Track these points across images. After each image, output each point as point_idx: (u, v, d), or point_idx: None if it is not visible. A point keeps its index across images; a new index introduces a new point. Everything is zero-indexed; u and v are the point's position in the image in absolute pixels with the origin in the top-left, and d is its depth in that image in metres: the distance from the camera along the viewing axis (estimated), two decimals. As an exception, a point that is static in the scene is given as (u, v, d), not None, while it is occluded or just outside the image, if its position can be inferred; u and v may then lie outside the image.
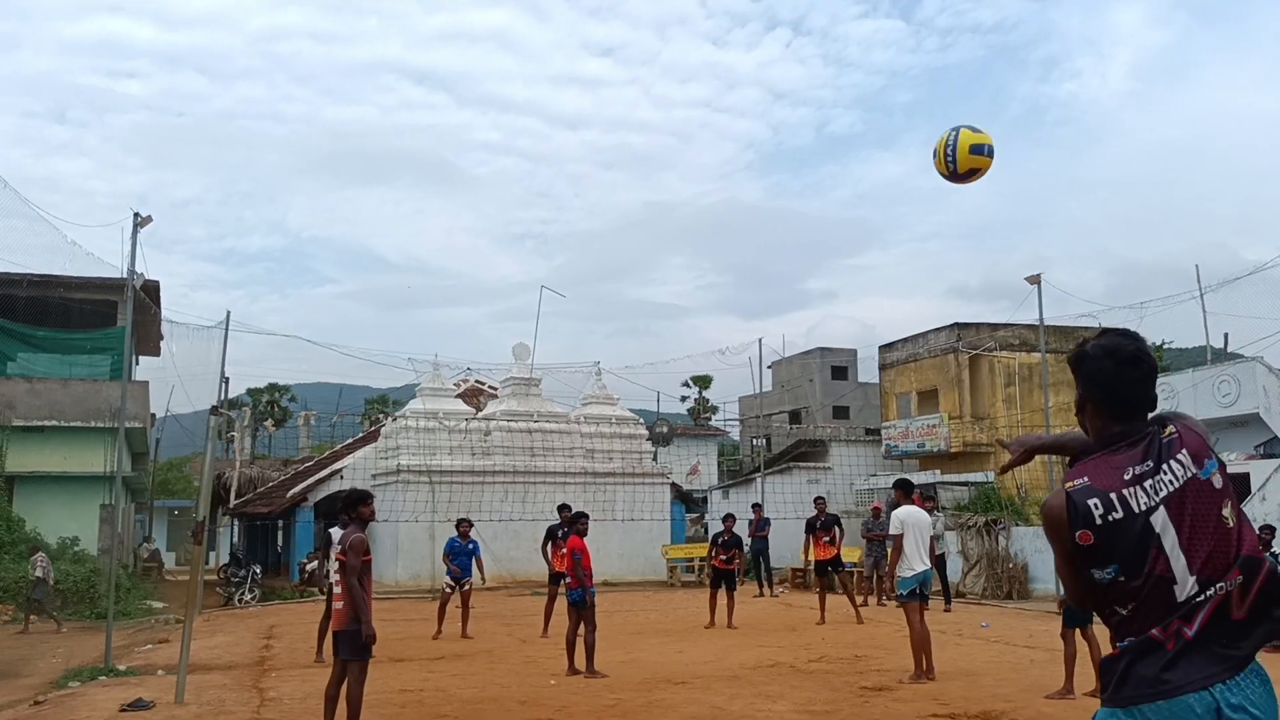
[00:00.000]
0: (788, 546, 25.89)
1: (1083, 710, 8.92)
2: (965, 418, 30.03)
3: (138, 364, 29.15)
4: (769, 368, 47.95)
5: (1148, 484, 2.54)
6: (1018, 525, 23.17)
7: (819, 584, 16.00)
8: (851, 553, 22.55)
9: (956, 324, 31.15)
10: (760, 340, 33.85)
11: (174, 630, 16.01)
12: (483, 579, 16.19)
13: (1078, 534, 2.52)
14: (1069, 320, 28.67)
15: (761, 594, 22.36)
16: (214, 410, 11.75)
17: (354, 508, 7.84)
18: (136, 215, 13.57)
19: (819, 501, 17.27)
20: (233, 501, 30.17)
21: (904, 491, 11.34)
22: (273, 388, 61.66)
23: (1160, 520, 2.50)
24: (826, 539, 16.21)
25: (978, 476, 28.58)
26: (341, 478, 28.14)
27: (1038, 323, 25.19)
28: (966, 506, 26.11)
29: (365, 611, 7.50)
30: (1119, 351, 2.71)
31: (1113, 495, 2.53)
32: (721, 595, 15.81)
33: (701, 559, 27.32)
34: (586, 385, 30.70)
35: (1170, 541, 2.49)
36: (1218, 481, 2.58)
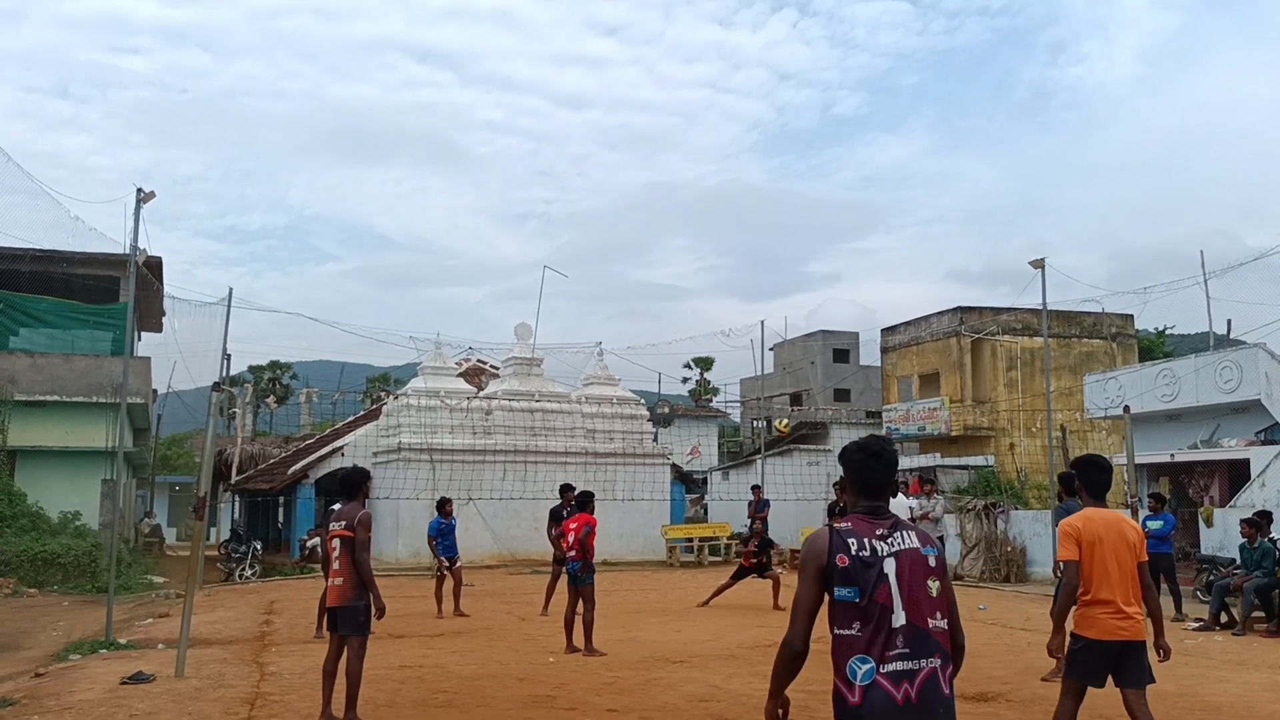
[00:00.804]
0: (788, 528, 25.98)
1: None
2: (966, 401, 30.04)
3: (140, 340, 29.17)
4: (770, 350, 47.95)
5: (888, 541, 3.43)
6: (1016, 509, 23.23)
7: None
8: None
9: (959, 308, 31.12)
10: (762, 322, 33.98)
11: (175, 605, 16.09)
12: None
13: (837, 557, 3.38)
14: (1071, 305, 28.71)
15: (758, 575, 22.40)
16: (216, 386, 11.75)
17: (362, 485, 7.86)
18: (139, 191, 13.55)
19: (840, 485, 17.34)
20: (234, 478, 30.25)
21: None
22: (274, 365, 61.78)
23: (890, 566, 3.37)
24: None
25: (978, 460, 28.64)
26: (343, 455, 28.20)
27: (1041, 307, 25.14)
28: (966, 490, 26.16)
29: (375, 586, 7.54)
30: (869, 448, 3.60)
31: (866, 539, 3.42)
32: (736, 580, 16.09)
33: (702, 539, 27.46)
34: (588, 366, 30.73)
35: (893, 582, 3.35)
36: (933, 562, 3.46)
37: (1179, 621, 14.26)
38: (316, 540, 25.95)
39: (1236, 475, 20.55)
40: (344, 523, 7.61)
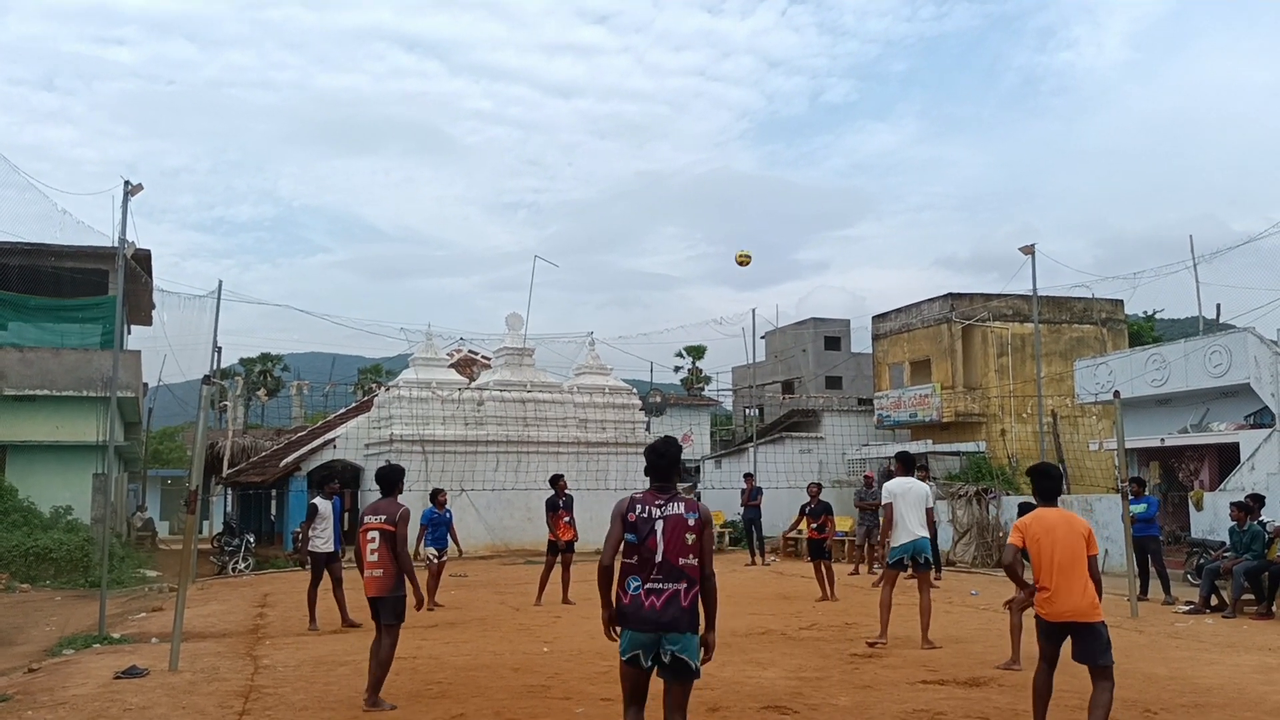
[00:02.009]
0: (780, 516, 26.03)
1: (1062, 675, 9.01)
2: (958, 388, 30.12)
3: (129, 333, 29.06)
4: (762, 338, 47.95)
5: (663, 508, 5.18)
6: (1008, 495, 23.30)
7: (815, 564, 15.97)
8: (843, 521, 22.68)
9: (950, 294, 31.17)
10: (754, 311, 33.97)
11: (168, 599, 16.06)
12: (459, 550, 16.21)
13: (628, 514, 5.19)
14: (1061, 291, 28.75)
15: (753, 563, 22.50)
16: (206, 379, 11.70)
17: (398, 482, 8.37)
18: (127, 183, 13.50)
19: (812, 487, 17.19)
20: (226, 471, 30.19)
21: (903, 464, 11.63)
22: (265, 357, 61.55)
23: (659, 525, 5.14)
24: (815, 525, 16.18)
25: (969, 446, 28.73)
26: (335, 447, 28.16)
27: (1031, 293, 25.20)
28: (958, 476, 26.25)
29: (415, 577, 8.12)
30: (655, 448, 5.37)
31: (648, 506, 5.20)
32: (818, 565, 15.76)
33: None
34: (579, 355, 30.73)
35: (659, 534, 5.12)
36: (692, 522, 5.16)
37: (1169, 605, 14.35)
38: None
39: (1226, 459, 20.66)
40: (383, 517, 8.03)
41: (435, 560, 15.15)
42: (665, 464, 5.30)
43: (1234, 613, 13.11)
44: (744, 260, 14.84)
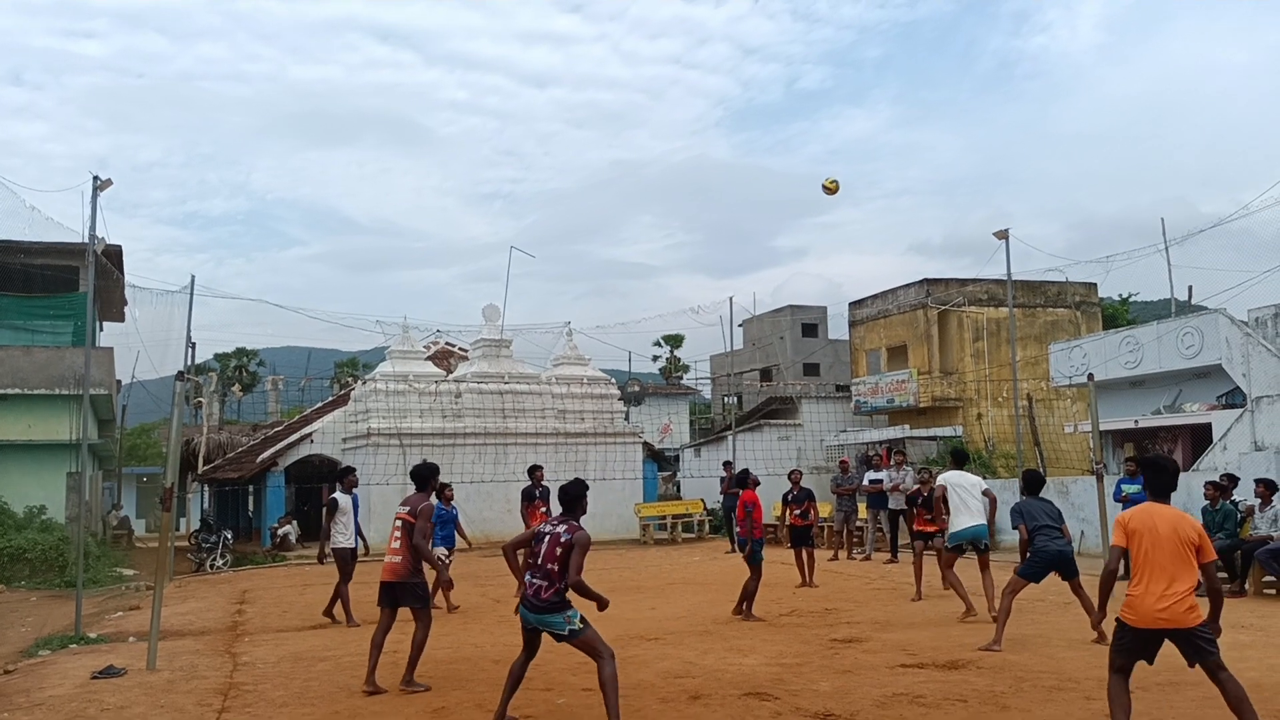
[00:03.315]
0: (762, 502, 26.07)
1: (1040, 656, 9.10)
2: (934, 373, 30.27)
3: (101, 330, 28.76)
4: (740, 326, 48.01)
5: (555, 528, 6.99)
6: (985, 478, 23.42)
7: (795, 551, 16.04)
8: (823, 508, 22.75)
9: (925, 280, 31.30)
10: (731, 299, 33.95)
11: (145, 597, 15.94)
12: (467, 543, 16.11)
13: (535, 532, 7.24)
14: (1035, 275, 28.92)
15: (733, 550, 22.55)
16: (180, 376, 11.60)
17: (430, 478, 8.97)
18: (96, 179, 13.33)
19: (794, 474, 17.22)
20: (201, 467, 30.00)
21: (956, 459, 12.84)
22: (240, 352, 61.14)
23: (547, 539, 6.96)
24: (798, 512, 16.23)
25: (946, 431, 28.89)
26: (312, 442, 28.04)
27: (1006, 278, 25.35)
28: (935, 460, 26.39)
29: (436, 564, 8.96)
30: (567, 490, 7.24)
31: (546, 526, 7.09)
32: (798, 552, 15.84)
33: (675, 516, 27.53)
34: (557, 346, 30.68)
35: (543, 546, 6.94)
36: (562, 539, 6.86)
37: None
38: (288, 528, 25.99)
39: (1199, 439, 20.88)
40: (409, 509, 8.66)
41: (445, 560, 14.91)
42: (569, 499, 7.18)
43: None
44: (832, 187, 14.81)
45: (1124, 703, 5.98)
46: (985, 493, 11.91)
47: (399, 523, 8.67)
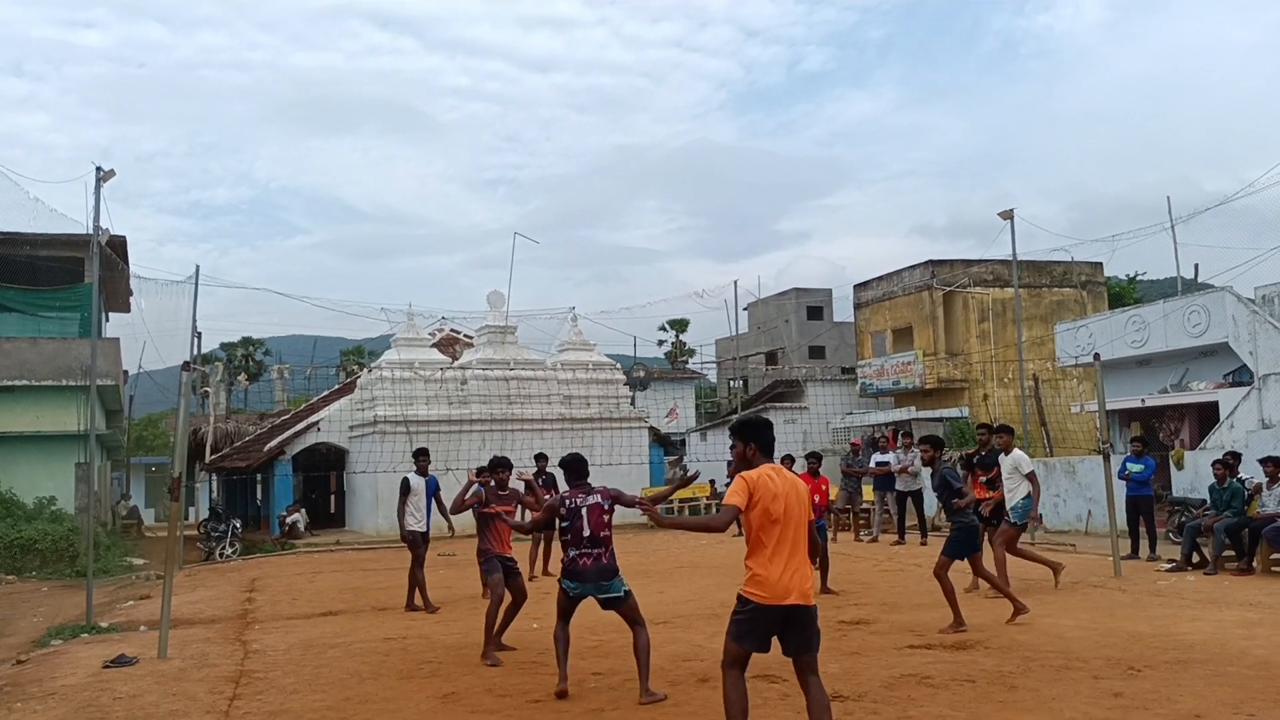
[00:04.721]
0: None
1: (1048, 635, 9.12)
2: (940, 354, 30.24)
3: (108, 321, 28.84)
4: (745, 309, 48.00)
5: (585, 499, 7.46)
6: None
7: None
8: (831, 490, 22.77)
9: (930, 261, 31.24)
10: (735, 282, 34.04)
11: (155, 586, 16.01)
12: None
13: (561, 507, 7.48)
14: (1040, 255, 28.91)
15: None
16: (186, 366, 11.63)
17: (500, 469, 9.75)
18: (99, 169, 13.34)
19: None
20: (209, 457, 30.06)
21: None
22: (246, 341, 61.25)
23: (584, 510, 7.39)
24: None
25: (952, 412, 28.89)
26: (319, 430, 28.09)
27: (1011, 258, 25.27)
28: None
29: (528, 528, 9.62)
30: (572, 461, 7.85)
31: (575, 498, 7.49)
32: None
33: (682, 500, 27.54)
34: (562, 332, 30.71)
35: (583, 517, 7.37)
36: (605, 506, 7.44)
37: (1153, 562, 14.51)
38: (296, 516, 26.07)
39: (1206, 418, 20.85)
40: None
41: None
42: (577, 468, 7.76)
43: (1215, 569, 13.26)
44: None
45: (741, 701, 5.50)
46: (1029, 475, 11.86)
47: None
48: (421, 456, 13.01)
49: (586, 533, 7.24)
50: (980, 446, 13.52)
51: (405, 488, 12.70)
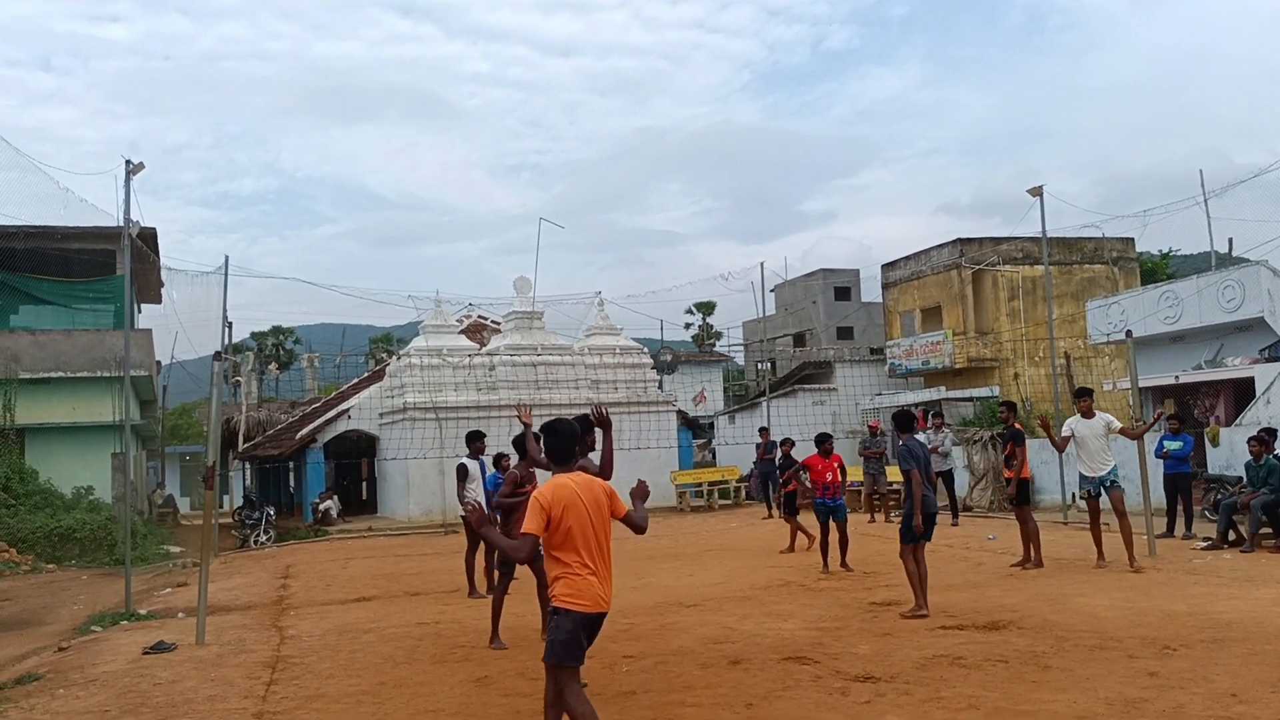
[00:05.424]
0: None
1: (1082, 615, 9.06)
2: (969, 333, 30.00)
3: (140, 312, 29.13)
4: (771, 291, 47.77)
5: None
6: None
7: (789, 520, 16.16)
8: (854, 472, 22.69)
9: (959, 240, 30.94)
10: (762, 264, 33.81)
11: (192, 574, 16.23)
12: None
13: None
14: (1069, 231, 28.48)
15: (770, 516, 22.59)
16: (217, 355, 11.74)
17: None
18: (128, 162, 13.44)
19: (785, 444, 17.27)
20: (242, 445, 30.38)
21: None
22: (276, 330, 61.75)
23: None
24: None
25: (982, 391, 28.66)
26: (349, 417, 28.29)
27: (1040, 235, 25.00)
28: (972, 421, 26.22)
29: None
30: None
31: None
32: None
33: (711, 483, 27.58)
34: (589, 316, 30.67)
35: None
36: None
37: (1189, 540, 14.38)
38: (329, 503, 26.31)
39: (1241, 394, 20.57)
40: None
41: None
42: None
43: (1252, 547, 13.12)
44: None
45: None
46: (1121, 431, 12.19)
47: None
48: (476, 439, 12.88)
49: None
50: (1004, 425, 13.70)
51: (462, 473, 12.58)
